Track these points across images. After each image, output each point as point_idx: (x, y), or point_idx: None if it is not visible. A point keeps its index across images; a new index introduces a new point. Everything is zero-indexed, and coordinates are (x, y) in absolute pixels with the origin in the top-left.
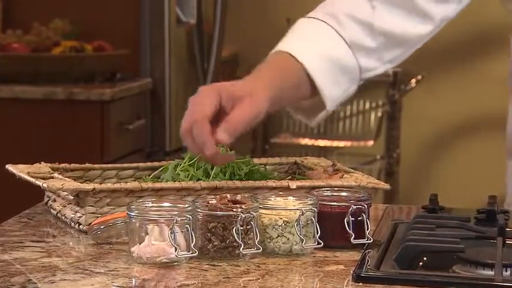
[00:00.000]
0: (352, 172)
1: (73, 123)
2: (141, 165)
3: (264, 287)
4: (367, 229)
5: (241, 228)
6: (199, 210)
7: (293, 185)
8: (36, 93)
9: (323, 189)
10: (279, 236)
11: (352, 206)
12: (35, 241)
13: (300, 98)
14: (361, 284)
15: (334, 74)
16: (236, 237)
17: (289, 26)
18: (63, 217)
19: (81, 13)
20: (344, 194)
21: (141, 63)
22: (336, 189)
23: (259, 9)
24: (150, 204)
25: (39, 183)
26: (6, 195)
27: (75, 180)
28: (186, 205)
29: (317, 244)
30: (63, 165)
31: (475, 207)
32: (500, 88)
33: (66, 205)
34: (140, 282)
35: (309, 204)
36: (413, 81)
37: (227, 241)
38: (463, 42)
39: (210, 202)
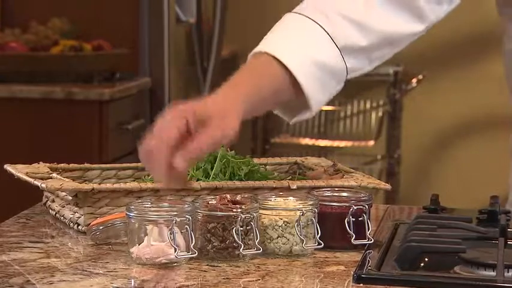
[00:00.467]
0: (352, 172)
1: (72, 123)
2: (141, 165)
3: None
4: (368, 230)
5: (241, 228)
6: (199, 210)
7: (293, 185)
8: (34, 92)
9: (323, 189)
10: (279, 236)
11: (353, 206)
12: (33, 242)
13: (279, 102)
14: (361, 285)
15: (322, 79)
16: (236, 238)
17: None
18: (62, 217)
19: (80, 12)
20: (345, 194)
21: (140, 63)
22: (336, 189)
23: (259, 8)
24: (150, 205)
25: (38, 183)
26: (4, 196)
27: (73, 180)
28: (186, 205)
29: (317, 245)
30: (62, 165)
31: (477, 208)
32: (502, 87)
33: (64, 205)
34: (139, 283)
35: (310, 205)
36: (414, 80)
37: (227, 242)
38: (464, 41)
39: (209, 202)
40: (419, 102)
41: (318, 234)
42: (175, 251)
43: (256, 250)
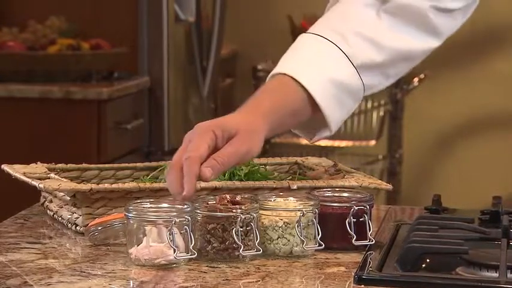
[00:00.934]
0: (353, 172)
1: (70, 122)
2: (139, 165)
3: None
4: (369, 230)
5: (241, 229)
6: (199, 211)
7: (294, 185)
8: (32, 92)
9: (324, 189)
10: (279, 237)
11: (354, 206)
12: (31, 243)
13: (298, 122)
14: (362, 286)
15: (340, 98)
16: (236, 239)
17: (289, 23)
18: (60, 218)
19: (78, 11)
20: (345, 194)
21: (139, 62)
22: (337, 189)
23: (259, 6)
24: (148, 205)
25: (36, 183)
26: (1, 196)
27: (71, 180)
28: (185, 206)
29: (318, 246)
30: (60, 165)
31: (479, 208)
32: (504, 87)
33: (62, 206)
34: (138, 284)
35: (310, 205)
36: (416, 80)
37: (227, 242)
38: (466, 40)
39: (209, 203)
40: (421, 102)
41: (318, 235)
42: (175, 252)
43: (256, 251)
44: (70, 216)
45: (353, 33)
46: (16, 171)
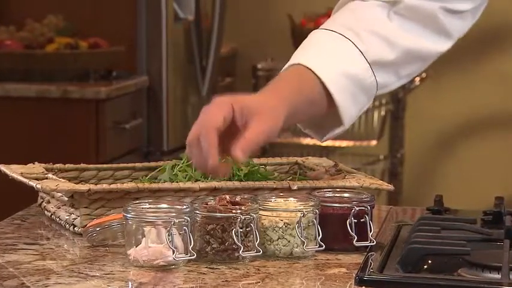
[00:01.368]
0: (354, 173)
1: (67, 122)
2: (138, 165)
3: None
4: (370, 231)
5: (241, 230)
6: (198, 211)
7: (294, 185)
8: (29, 91)
9: (325, 190)
10: (279, 238)
11: (355, 207)
12: (28, 244)
13: (313, 114)
14: (363, 287)
15: (353, 92)
16: (235, 240)
17: (289, 22)
18: (58, 219)
19: (75, 9)
20: (346, 195)
21: (138, 61)
22: (338, 190)
23: (259, 5)
24: (147, 206)
25: (33, 184)
26: None
27: (69, 180)
28: (184, 206)
29: (318, 247)
30: (58, 165)
31: (482, 209)
32: (507, 86)
33: (60, 206)
34: (137, 285)
35: (311, 206)
36: (417, 79)
37: (226, 243)
38: (468, 39)
39: (208, 203)
40: (422, 101)
41: (319, 235)
42: (174, 253)
43: (256, 252)
44: (68, 217)
45: (366, 31)
46: (13, 171)
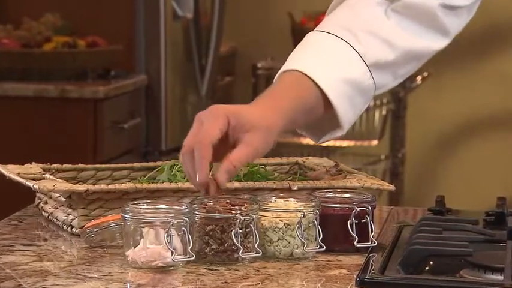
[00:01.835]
0: (355, 173)
1: (65, 121)
2: (136, 165)
3: None
4: (371, 232)
5: (240, 231)
6: (197, 212)
7: (294, 186)
8: (27, 90)
9: (325, 190)
10: (279, 239)
11: (356, 208)
12: (25, 245)
13: (311, 120)
14: None
15: (352, 96)
16: (235, 241)
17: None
18: (55, 220)
19: (73, 7)
20: (347, 195)
21: (136, 60)
22: (338, 190)
23: (258, 3)
24: (146, 206)
25: (30, 184)
26: None
27: (67, 181)
28: (183, 207)
29: (319, 247)
30: (55, 165)
31: (484, 209)
32: (508, 86)
33: (58, 207)
34: (135, 287)
35: (311, 206)
36: (419, 78)
37: (225, 244)
38: (470, 39)
39: (207, 204)
40: (424, 100)
41: (319, 236)
42: (172, 254)
43: (255, 253)
44: (65, 218)
45: (364, 32)
46: (10, 171)
